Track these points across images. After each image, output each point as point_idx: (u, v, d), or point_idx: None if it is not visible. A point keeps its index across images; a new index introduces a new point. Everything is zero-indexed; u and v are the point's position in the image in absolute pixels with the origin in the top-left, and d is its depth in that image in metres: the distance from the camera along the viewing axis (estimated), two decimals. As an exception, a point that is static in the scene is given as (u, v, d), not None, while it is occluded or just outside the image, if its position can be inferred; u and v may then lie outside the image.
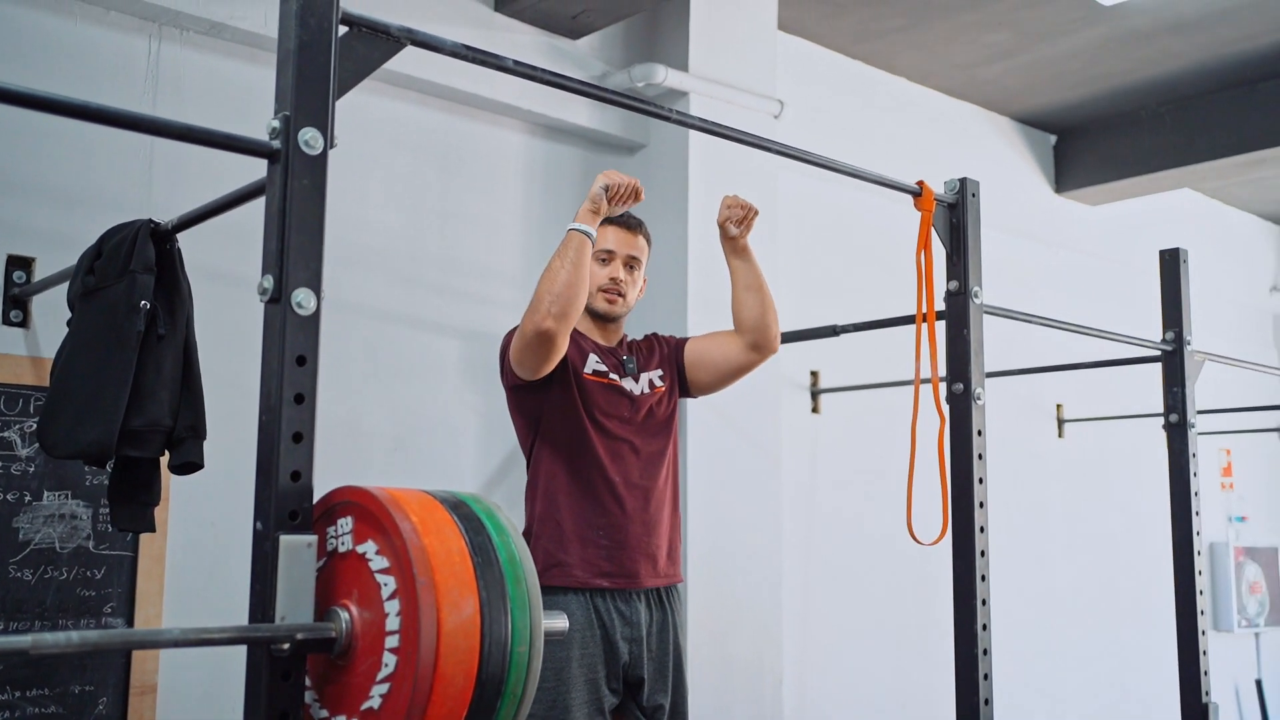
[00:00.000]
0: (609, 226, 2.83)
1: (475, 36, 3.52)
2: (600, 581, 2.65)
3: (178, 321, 2.09)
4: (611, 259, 2.84)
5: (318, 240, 1.66)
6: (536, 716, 2.56)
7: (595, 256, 2.79)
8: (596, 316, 2.85)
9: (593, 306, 2.82)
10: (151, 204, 2.90)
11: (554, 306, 2.51)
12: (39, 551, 2.68)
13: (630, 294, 2.87)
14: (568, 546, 2.65)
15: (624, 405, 2.78)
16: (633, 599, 2.69)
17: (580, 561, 2.64)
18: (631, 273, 2.87)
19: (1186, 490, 3.37)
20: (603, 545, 2.66)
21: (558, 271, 2.54)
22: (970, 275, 2.72)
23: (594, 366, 2.77)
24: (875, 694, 4.47)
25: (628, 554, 2.68)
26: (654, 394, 2.85)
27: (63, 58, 2.88)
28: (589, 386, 2.74)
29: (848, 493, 4.43)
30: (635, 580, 2.69)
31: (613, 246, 2.84)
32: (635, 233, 2.88)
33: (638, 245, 2.88)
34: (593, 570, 2.65)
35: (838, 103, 4.63)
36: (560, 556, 2.65)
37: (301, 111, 1.67)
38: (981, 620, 2.60)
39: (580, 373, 2.74)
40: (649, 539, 2.72)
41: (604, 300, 2.82)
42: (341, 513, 1.68)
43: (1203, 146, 5.15)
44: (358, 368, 3.30)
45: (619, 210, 2.67)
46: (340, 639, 1.60)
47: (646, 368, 2.90)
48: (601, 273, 2.82)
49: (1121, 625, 5.50)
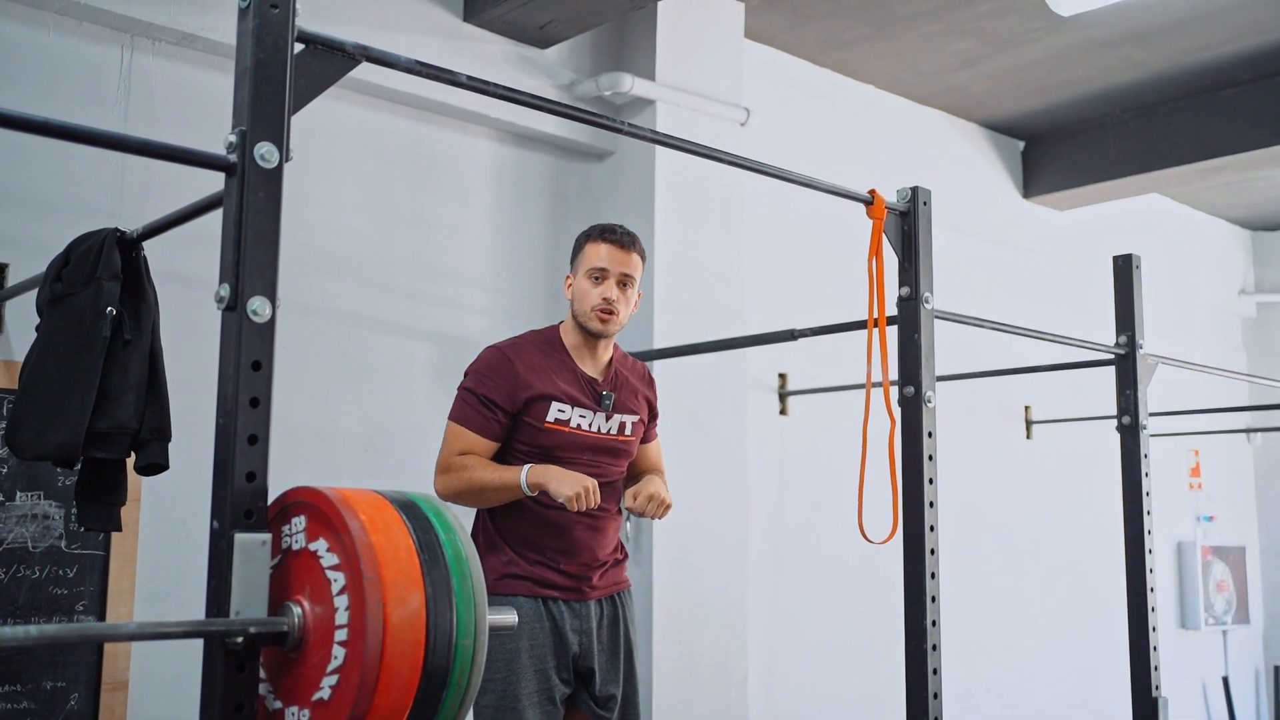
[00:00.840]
0: (602, 243, 2.79)
1: (445, 46, 3.59)
2: (552, 593, 2.74)
3: (144, 327, 2.15)
4: (605, 278, 2.78)
5: (273, 250, 1.72)
6: (489, 706, 2.64)
7: (588, 275, 2.78)
8: (588, 334, 2.81)
9: (586, 325, 2.79)
10: (123, 211, 2.96)
11: (458, 500, 2.69)
12: (11, 551, 2.74)
13: (623, 311, 2.81)
14: (520, 564, 2.73)
15: (585, 447, 2.78)
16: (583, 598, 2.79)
17: (532, 575, 2.73)
18: (625, 290, 2.80)
19: (1138, 490, 3.45)
20: (554, 565, 2.75)
21: (484, 493, 2.67)
22: (921, 281, 2.78)
23: (556, 415, 2.74)
24: (842, 691, 4.55)
25: (579, 571, 2.77)
26: (619, 436, 2.85)
27: (38, 68, 2.94)
28: (549, 431, 2.74)
29: (815, 494, 4.51)
30: (583, 595, 2.78)
31: (605, 265, 2.77)
32: (629, 250, 2.80)
33: (631, 263, 2.80)
34: (545, 584, 2.74)
35: (806, 109, 4.71)
36: (513, 570, 2.73)
37: (258, 127, 1.73)
38: (930, 616, 2.67)
39: (543, 419, 2.73)
40: (599, 556, 2.81)
41: (597, 319, 2.77)
42: (295, 512, 1.75)
43: (1167, 152, 5.25)
44: (328, 371, 3.37)
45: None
46: (293, 633, 1.67)
47: (624, 409, 2.87)
48: (594, 291, 2.77)
49: (1088, 621, 5.60)
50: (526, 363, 2.76)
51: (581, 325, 2.81)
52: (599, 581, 2.82)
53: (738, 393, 4.00)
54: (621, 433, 2.86)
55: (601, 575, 2.82)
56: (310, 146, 3.33)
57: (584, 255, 2.82)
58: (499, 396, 2.70)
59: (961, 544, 5.11)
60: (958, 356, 4.65)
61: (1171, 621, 6.45)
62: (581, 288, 2.80)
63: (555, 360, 2.80)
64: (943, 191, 5.12)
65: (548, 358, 2.80)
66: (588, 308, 2.78)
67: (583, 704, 2.80)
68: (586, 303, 2.78)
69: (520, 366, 2.74)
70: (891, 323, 2.79)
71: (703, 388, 3.84)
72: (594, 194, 4.05)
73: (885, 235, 2.77)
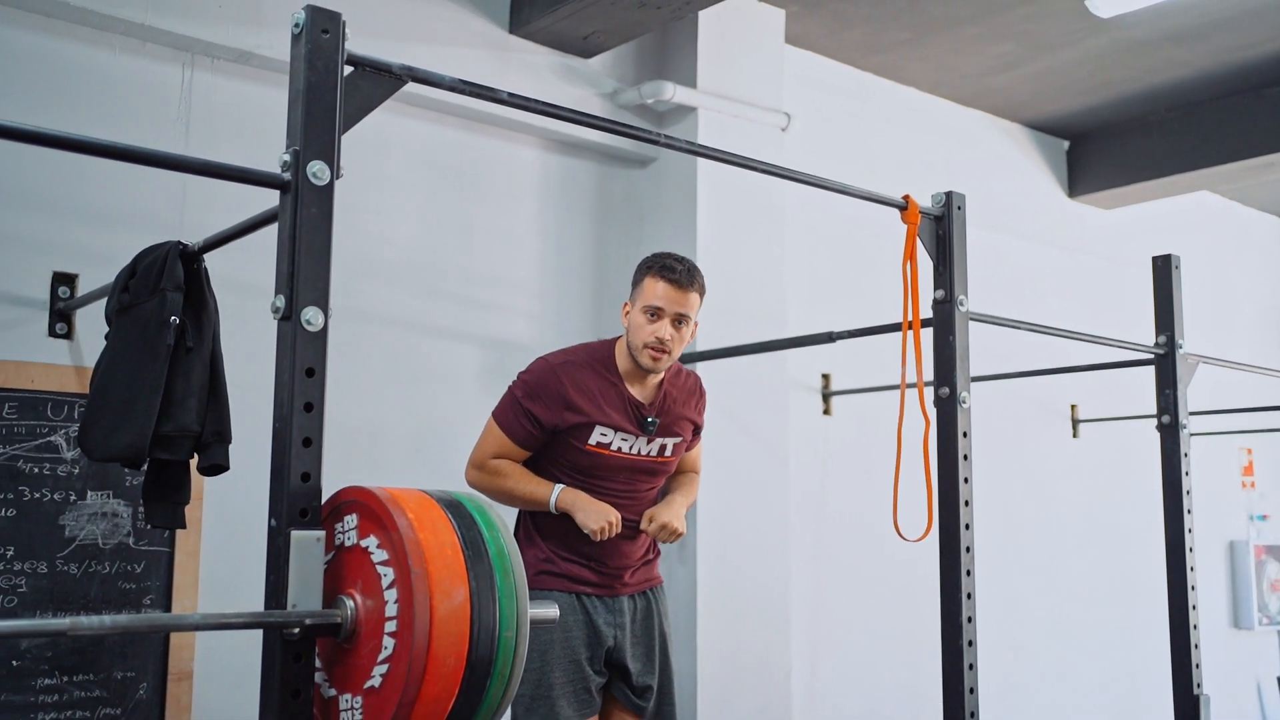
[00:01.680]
0: (660, 281, 2.79)
1: (491, 58, 3.70)
2: (585, 589, 2.84)
3: (205, 335, 2.27)
4: (660, 317, 2.78)
5: (325, 263, 1.82)
6: (525, 695, 2.75)
7: (644, 310, 2.80)
8: (640, 367, 2.84)
9: (637, 360, 2.82)
10: (185, 223, 3.10)
11: (480, 490, 2.78)
12: (83, 547, 2.89)
13: (677, 349, 2.83)
14: (556, 562, 2.84)
15: (622, 468, 2.86)
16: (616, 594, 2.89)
17: (567, 573, 2.84)
18: (679, 329, 2.81)
19: (1179, 489, 3.47)
20: (589, 566, 2.85)
21: (513, 500, 2.81)
22: (955, 283, 2.83)
23: (598, 439, 2.80)
24: (884, 687, 4.60)
25: (612, 572, 2.87)
26: (658, 458, 2.92)
27: (105, 87, 3.09)
28: (588, 453, 2.82)
29: (858, 493, 4.56)
30: (615, 591, 2.88)
31: (661, 304, 2.78)
32: (687, 291, 2.80)
33: (688, 302, 2.80)
34: (579, 580, 2.84)
35: (848, 113, 4.76)
36: (549, 568, 2.84)
37: (310, 146, 1.84)
38: (966, 613, 2.72)
39: (584, 442, 2.80)
40: (631, 559, 2.90)
41: (649, 357, 2.79)
42: (347, 510, 1.85)
43: (1212, 151, 5.23)
44: (381, 374, 3.49)
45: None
46: (345, 624, 1.78)
47: (668, 433, 2.91)
48: (647, 329, 2.78)
49: (1135, 619, 5.59)
50: (577, 385, 2.80)
51: (635, 359, 2.84)
52: (630, 579, 2.91)
53: (779, 393, 4.06)
54: (661, 454, 2.92)
55: (633, 574, 2.92)
56: (364, 159, 3.45)
57: (642, 289, 2.83)
58: (542, 415, 2.78)
59: (1006, 543, 5.14)
60: (1003, 356, 4.68)
61: (1224, 621, 6.40)
62: (637, 322, 2.82)
63: (605, 383, 2.84)
64: (987, 192, 5.19)
65: (599, 380, 2.84)
66: (640, 343, 2.80)
67: (620, 694, 2.90)
68: (639, 338, 2.80)
69: (570, 390, 2.79)
70: (927, 325, 2.85)
71: (745, 388, 3.91)
72: (638, 200, 4.14)
73: (920, 239, 2.82)
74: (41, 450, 2.86)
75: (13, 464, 2.82)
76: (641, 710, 2.90)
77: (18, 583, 2.79)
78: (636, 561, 2.92)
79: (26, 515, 2.82)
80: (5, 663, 2.75)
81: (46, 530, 2.84)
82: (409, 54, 3.34)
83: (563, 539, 2.83)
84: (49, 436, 2.87)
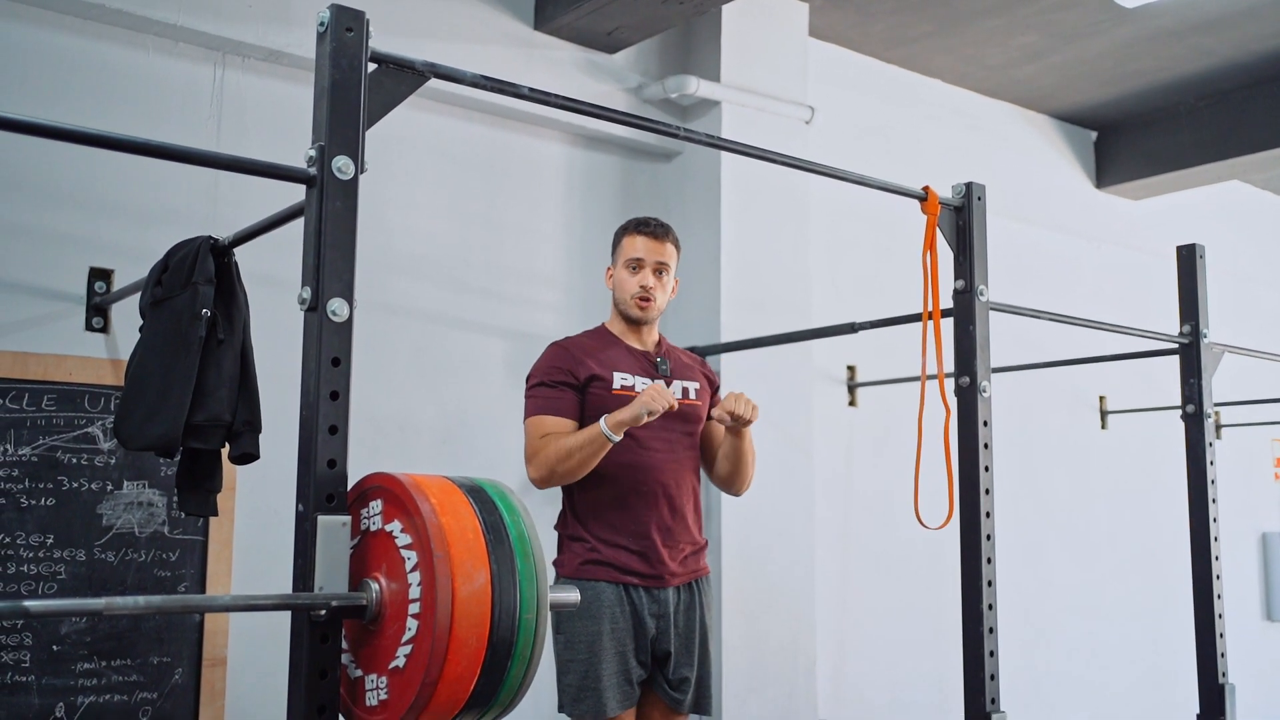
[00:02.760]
0: (638, 235, 3.00)
1: (516, 54, 3.74)
2: (632, 579, 2.87)
3: (235, 327, 2.33)
4: (641, 267, 2.98)
5: (350, 255, 1.88)
6: (572, 685, 2.79)
7: (625, 265, 3.00)
8: (630, 320, 3.02)
9: (627, 312, 3.00)
10: (217, 218, 3.16)
11: (551, 477, 2.81)
12: (120, 535, 2.96)
13: (660, 298, 3.00)
14: (601, 550, 2.87)
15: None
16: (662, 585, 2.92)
17: (613, 561, 2.87)
18: (660, 278, 3.00)
19: (1203, 478, 3.48)
20: (635, 551, 2.88)
21: (572, 455, 2.78)
22: (976, 274, 2.85)
23: (621, 382, 2.92)
24: (909, 676, 4.62)
25: (658, 557, 2.89)
26: (685, 400, 3.00)
27: (140, 86, 3.16)
28: (618, 397, 2.89)
29: (883, 483, 4.57)
30: (664, 582, 2.91)
31: (641, 254, 2.98)
32: (663, 240, 3.01)
33: (666, 252, 3.00)
34: (625, 570, 2.87)
35: (872, 105, 4.77)
36: (594, 557, 2.87)
37: (335, 142, 1.89)
38: (987, 600, 2.74)
39: (610, 389, 2.90)
40: (678, 541, 2.94)
41: (636, 306, 2.98)
42: (373, 496, 1.91)
43: (1242, 140, 5.19)
44: (408, 366, 3.55)
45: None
46: (371, 606, 1.83)
47: (683, 376, 3.05)
48: (631, 280, 2.99)
49: (1164, 610, 5.57)
50: (580, 347, 2.99)
51: (623, 313, 3.02)
52: (678, 568, 2.94)
53: (804, 384, 4.09)
54: (686, 397, 3.02)
55: (681, 562, 2.95)
56: (390, 154, 3.51)
57: (621, 247, 3.03)
58: (563, 375, 2.90)
59: (1035, 533, 5.14)
60: (1033, 347, 4.68)
61: (1257, 613, 6.37)
62: (620, 278, 3.02)
63: (605, 343, 3.01)
64: (1014, 184, 5.19)
65: (598, 341, 3.02)
66: (627, 295, 2.99)
67: (657, 686, 2.93)
68: (626, 291, 3.00)
69: (575, 350, 2.96)
70: (948, 315, 2.87)
71: (769, 379, 3.94)
72: (662, 193, 4.17)
73: (940, 230, 2.85)
74: (79, 441, 2.94)
75: (52, 454, 2.90)
76: (679, 703, 2.93)
77: (57, 570, 2.87)
78: (683, 540, 2.95)
79: (65, 504, 2.90)
80: (46, 647, 2.83)
81: (85, 519, 2.92)
82: (434, 51, 3.40)
83: (608, 522, 2.87)
84: (86, 428, 2.95)
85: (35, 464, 2.88)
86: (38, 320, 2.96)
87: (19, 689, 2.79)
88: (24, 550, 2.83)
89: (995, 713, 2.67)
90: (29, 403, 2.89)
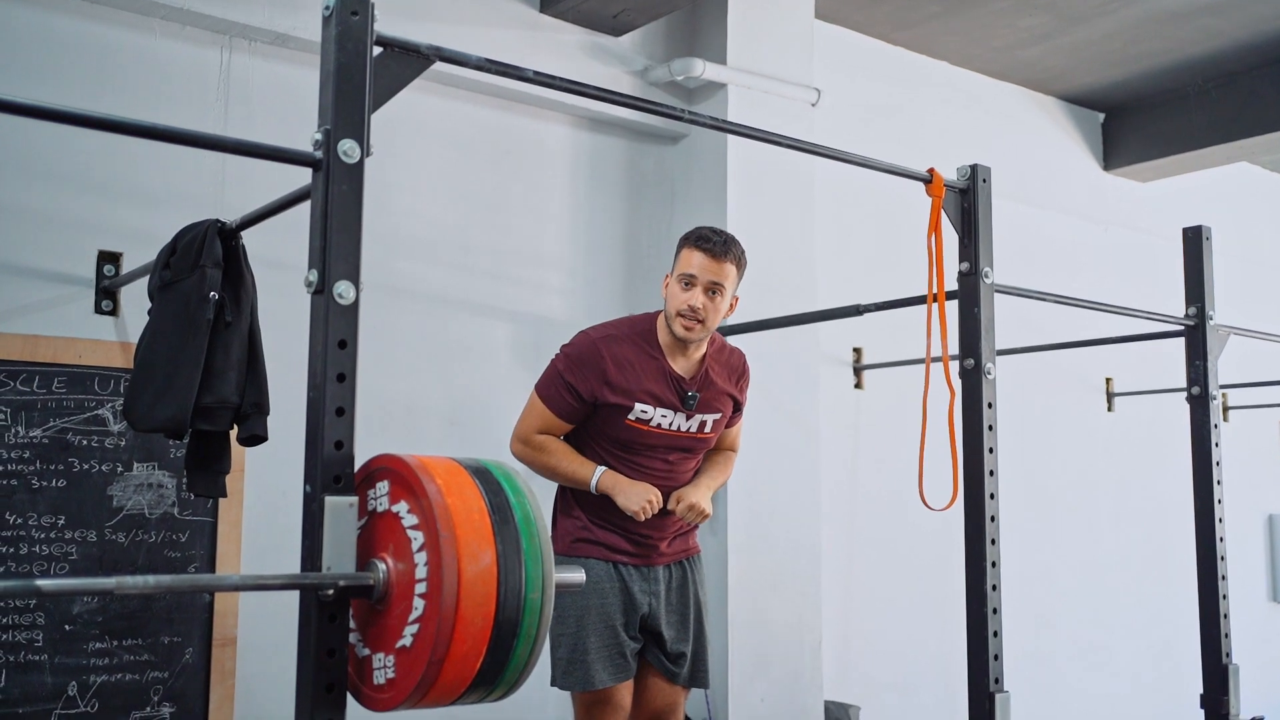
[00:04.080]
0: (695, 251, 2.83)
1: (522, 37, 3.74)
2: (622, 558, 2.90)
3: (243, 310, 2.35)
4: (694, 284, 2.82)
5: (356, 238, 1.89)
6: (562, 660, 2.83)
7: (679, 279, 2.84)
8: (675, 337, 2.87)
9: (672, 329, 2.85)
10: (224, 202, 3.17)
11: (524, 463, 2.88)
12: (130, 517, 2.99)
13: (711, 319, 2.84)
14: (593, 530, 2.91)
15: (661, 443, 2.90)
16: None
17: (604, 541, 2.90)
18: (713, 299, 2.83)
19: (1208, 460, 3.48)
20: (625, 534, 2.90)
21: (556, 475, 2.88)
22: (981, 256, 2.85)
23: (639, 414, 2.83)
24: (914, 656, 4.64)
25: (648, 542, 2.92)
26: (698, 434, 2.95)
27: (146, 70, 3.17)
28: (629, 428, 2.86)
29: (889, 464, 4.58)
30: (652, 561, 2.94)
31: (695, 272, 2.81)
32: (722, 260, 2.83)
33: (723, 272, 2.83)
34: (615, 549, 2.90)
35: (879, 87, 4.77)
36: (586, 535, 2.91)
37: (340, 125, 1.90)
38: (991, 581, 2.76)
39: (624, 416, 2.83)
40: (669, 530, 2.96)
41: (681, 326, 2.83)
42: (379, 477, 1.92)
43: (1250, 121, 5.18)
44: (415, 349, 3.56)
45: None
46: (378, 586, 1.85)
47: (708, 409, 2.94)
48: (681, 297, 2.82)
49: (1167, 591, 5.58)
50: (617, 360, 2.83)
51: (669, 327, 2.88)
52: (667, 549, 2.96)
53: (810, 366, 4.10)
54: (701, 430, 2.95)
55: (670, 543, 2.97)
56: (396, 137, 3.52)
57: (679, 259, 2.88)
58: (582, 389, 2.82)
59: (1040, 514, 5.15)
60: (1039, 329, 4.68)
61: (1263, 595, 6.37)
62: (672, 291, 2.85)
63: (646, 356, 2.87)
64: (1021, 166, 5.18)
65: (639, 353, 2.87)
66: (673, 311, 2.84)
67: (655, 660, 2.96)
68: (673, 306, 2.84)
69: (610, 365, 2.82)
70: (953, 298, 2.88)
71: (775, 362, 3.95)
72: (668, 176, 4.18)
73: (945, 212, 2.85)
74: (89, 423, 2.96)
75: (62, 436, 2.92)
76: (675, 676, 2.97)
77: (69, 550, 2.90)
78: (672, 533, 2.97)
79: (76, 486, 2.93)
80: (59, 627, 2.86)
81: (95, 500, 2.95)
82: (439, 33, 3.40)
83: (600, 510, 2.89)
84: (96, 410, 2.97)
85: (46, 446, 2.90)
86: (47, 303, 2.98)
87: (32, 668, 2.82)
88: (36, 531, 2.86)
89: (999, 692, 2.69)
90: (39, 385, 2.91)
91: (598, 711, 2.86)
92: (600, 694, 2.84)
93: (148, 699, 2.97)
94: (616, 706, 2.87)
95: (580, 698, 2.87)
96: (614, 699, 2.86)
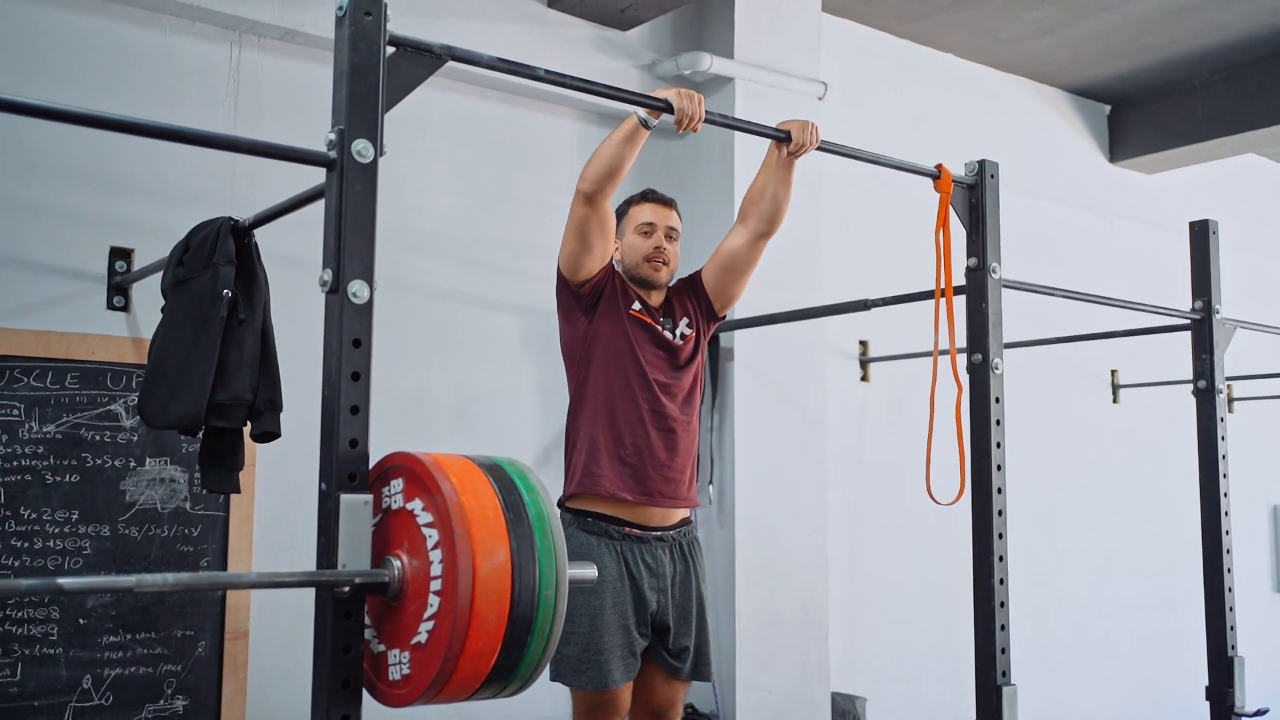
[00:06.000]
0: (646, 203, 3.11)
1: (530, 32, 3.75)
2: (625, 495, 2.87)
3: (256, 307, 2.36)
4: (653, 231, 3.06)
5: (370, 237, 1.90)
6: (571, 657, 2.83)
7: (637, 230, 3.06)
8: (643, 284, 3.06)
9: (640, 275, 3.05)
10: (236, 199, 3.19)
11: (593, 173, 2.86)
12: (143, 511, 3.01)
13: (673, 262, 3.09)
14: (600, 461, 2.90)
15: (662, 345, 3.01)
16: (658, 551, 2.93)
17: (610, 474, 2.89)
18: (672, 243, 3.09)
19: (1214, 453, 3.50)
20: (631, 464, 2.90)
21: (605, 146, 2.86)
22: (989, 251, 2.87)
23: (637, 306, 3.01)
24: (922, 647, 4.66)
25: (651, 475, 2.92)
26: (685, 342, 3.08)
27: (156, 66, 3.18)
28: (634, 321, 2.98)
29: (895, 457, 4.60)
30: (653, 499, 2.91)
31: (653, 219, 3.08)
32: (670, 208, 3.14)
33: (674, 218, 3.13)
34: (620, 485, 2.88)
35: (886, 80, 4.77)
36: (593, 468, 2.91)
37: (354, 125, 1.91)
38: (999, 575, 2.78)
39: (627, 309, 2.99)
40: (671, 464, 2.96)
41: (650, 269, 3.05)
42: (394, 475, 1.94)
43: (1257, 113, 5.17)
44: (424, 344, 3.58)
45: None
46: (393, 583, 1.86)
47: (677, 322, 3.11)
48: (646, 244, 3.05)
49: (1173, 583, 5.60)
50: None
51: (636, 277, 3.06)
52: (669, 493, 2.94)
53: (817, 359, 4.11)
54: (683, 339, 3.08)
55: (673, 489, 2.95)
56: (407, 133, 3.52)
57: (630, 216, 3.10)
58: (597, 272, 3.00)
59: (1047, 507, 5.17)
60: (1045, 322, 4.68)
61: (1268, 587, 6.39)
62: (632, 243, 3.07)
63: (620, 286, 3.05)
64: (1027, 158, 5.19)
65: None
66: (640, 257, 3.05)
67: (657, 656, 2.97)
68: (639, 253, 3.05)
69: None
70: (961, 292, 2.89)
71: (782, 355, 3.97)
72: (676, 170, 4.18)
73: (953, 207, 2.86)
74: (102, 419, 2.98)
75: (75, 432, 2.94)
76: (677, 671, 2.98)
77: (82, 545, 2.92)
78: (681, 465, 2.97)
79: (89, 481, 2.95)
80: (73, 620, 2.89)
81: (108, 495, 2.97)
82: (449, 29, 3.41)
83: (612, 436, 2.90)
84: (109, 405, 2.99)
85: (59, 441, 2.92)
86: (60, 299, 3.00)
87: (47, 661, 2.85)
88: (50, 526, 2.89)
89: (1006, 685, 2.71)
90: (53, 381, 2.93)
91: (600, 713, 2.88)
92: (606, 695, 2.85)
93: (161, 692, 2.99)
94: (619, 707, 2.90)
95: (585, 697, 2.88)
96: (617, 700, 2.89)
